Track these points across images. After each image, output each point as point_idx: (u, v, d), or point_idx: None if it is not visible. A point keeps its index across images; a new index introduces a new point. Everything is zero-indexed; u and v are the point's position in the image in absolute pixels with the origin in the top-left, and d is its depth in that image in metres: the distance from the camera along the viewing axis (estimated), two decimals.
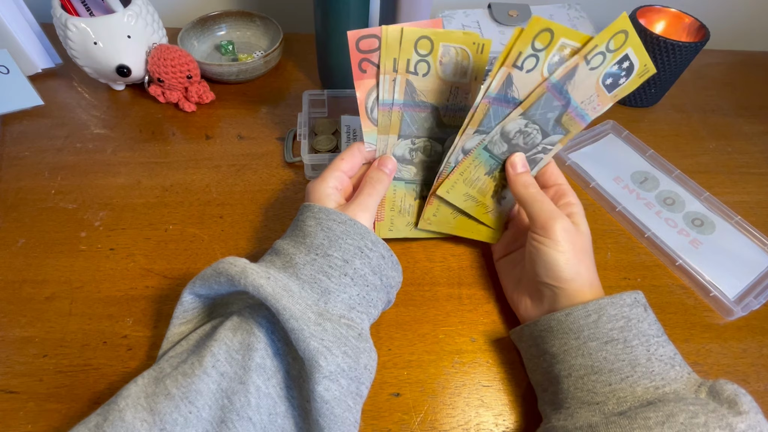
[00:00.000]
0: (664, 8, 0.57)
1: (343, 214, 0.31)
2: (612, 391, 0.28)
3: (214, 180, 0.46)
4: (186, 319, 0.32)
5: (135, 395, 0.25)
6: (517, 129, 0.35)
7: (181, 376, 0.26)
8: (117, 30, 0.48)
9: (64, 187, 0.44)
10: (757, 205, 0.49)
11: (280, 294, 0.26)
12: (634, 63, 0.34)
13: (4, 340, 0.34)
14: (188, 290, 0.31)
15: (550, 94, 0.33)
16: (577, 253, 0.32)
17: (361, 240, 0.31)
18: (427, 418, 0.33)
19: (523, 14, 0.61)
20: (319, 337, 0.26)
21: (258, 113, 0.54)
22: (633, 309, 0.30)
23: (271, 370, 0.27)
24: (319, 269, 0.29)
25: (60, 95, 0.53)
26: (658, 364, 0.28)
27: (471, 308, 0.39)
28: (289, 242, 0.31)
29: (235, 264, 0.28)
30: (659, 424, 0.24)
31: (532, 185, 0.35)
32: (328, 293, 0.29)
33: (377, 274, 0.31)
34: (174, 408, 0.24)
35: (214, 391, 0.26)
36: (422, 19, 0.47)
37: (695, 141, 0.56)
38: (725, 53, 0.70)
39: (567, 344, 0.30)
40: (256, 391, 0.26)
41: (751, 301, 0.39)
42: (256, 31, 0.61)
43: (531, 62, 0.32)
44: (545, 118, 0.35)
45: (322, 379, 0.25)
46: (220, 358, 0.26)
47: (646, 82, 0.56)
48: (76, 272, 0.38)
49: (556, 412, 0.30)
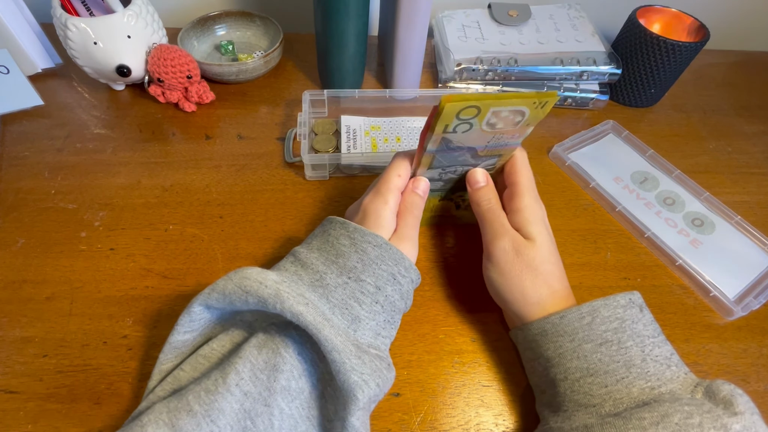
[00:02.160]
0: (664, 8, 0.57)
1: (379, 237, 0.31)
2: (608, 393, 0.28)
3: (214, 180, 0.46)
4: (192, 329, 0.31)
5: (157, 410, 0.25)
6: (437, 175, 0.36)
7: (204, 392, 0.26)
8: (117, 30, 0.48)
9: (64, 187, 0.44)
10: (757, 205, 0.49)
11: (321, 323, 0.26)
12: (514, 110, 0.29)
13: (4, 340, 0.34)
14: (200, 301, 0.29)
15: (440, 157, 0.33)
16: (517, 272, 0.32)
17: (395, 266, 0.30)
18: (427, 418, 0.33)
19: (523, 14, 0.61)
20: (360, 371, 0.26)
21: (258, 113, 0.54)
22: (627, 310, 0.30)
23: (295, 391, 0.27)
24: (350, 294, 0.29)
25: (60, 95, 0.53)
26: (653, 365, 0.28)
27: (471, 308, 0.39)
28: (319, 257, 0.31)
29: (264, 284, 0.27)
30: (654, 425, 0.24)
31: (485, 201, 0.35)
32: (358, 321, 0.29)
33: (404, 298, 0.31)
34: (195, 426, 0.24)
35: (237, 410, 0.25)
36: (422, 19, 0.47)
37: (695, 141, 0.56)
38: (725, 53, 0.70)
39: (562, 347, 0.30)
40: (280, 414, 0.26)
41: (751, 301, 0.39)
42: (256, 31, 0.61)
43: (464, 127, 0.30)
44: (456, 161, 0.34)
45: (357, 411, 0.25)
46: (245, 376, 0.26)
47: (646, 82, 0.56)
48: (76, 272, 0.38)
49: (554, 414, 0.30)
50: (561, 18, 0.61)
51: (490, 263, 0.33)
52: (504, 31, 0.59)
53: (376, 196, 0.33)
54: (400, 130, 0.50)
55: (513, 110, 0.29)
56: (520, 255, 0.32)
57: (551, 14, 0.62)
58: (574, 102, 0.57)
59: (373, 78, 0.60)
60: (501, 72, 0.55)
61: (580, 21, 0.61)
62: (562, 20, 0.61)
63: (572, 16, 0.62)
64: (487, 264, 0.33)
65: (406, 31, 0.48)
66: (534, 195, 0.34)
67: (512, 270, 0.32)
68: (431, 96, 0.54)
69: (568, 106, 0.58)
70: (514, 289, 0.32)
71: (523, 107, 0.29)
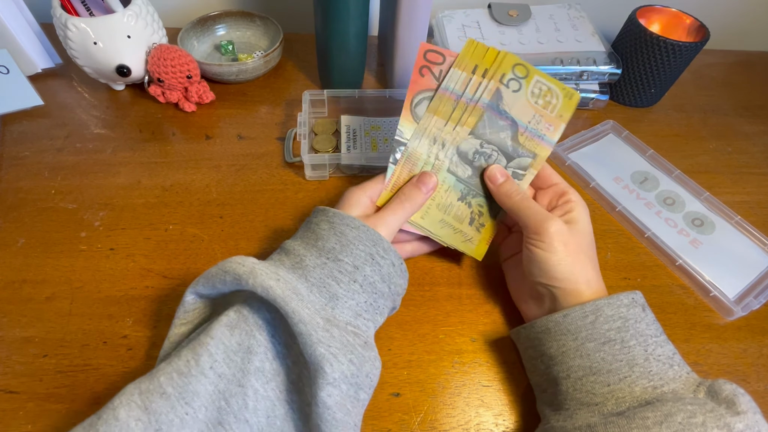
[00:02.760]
0: (664, 8, 0.57)
1: (356, 220, 0.31)
2: (611, 392, 0.28)
3: (214, 180, 0.46)
4: (187, 320, 0.31)
5: (129, 391, 0.25)
6: (474, 149, 0.36)
7: (177, 374, 0.25)
8: (117, 30, 0.48)
9: (64, 187, 0.44)
10: (757, 205, 0.49)
11: (290, 296, 0.26)
12: (552, 88, 0.35)
13: (4, 340, 0.34)
14: (190, 290, 0.30)
15: (489, 113, 0.35)
16: (571, 252, 0.32)
17: (373, 247, 0.31)
18: (427, 418, 0.33)
19: (523, 14, 0.61)
20: (327, 343, 0.26)
21: (258, 113, 0.54)
22: (630, 309, 0.30)
23: (270, 373, 0.27)
24: (328, 273, 0.29)
25: (60, 95, 0.53)
26: (656, 364, 0.28)
27: (471, 308, 0.39)
28: (300, 243, 0.32)
29: (243, 263, 0.28)
30: (657, 424, 0.25)
31: (515, 193, 0.35)
32: (336, 299, 0.29)
33: (386, 282, 0.31)
34: (170, 408, 0.24)
35: (211, 392, 0.25)
36: (422, 20, 0.47)
37: (695, 141, 0.56)
38: (725, 53, 0.70)
39: (565, 345, 0.30)
40: (254, 394, 0.26)
41: (751, 301, 0.39)
42: (256, 31, 0.61)
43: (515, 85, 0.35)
44: (498, 138, 0.36)
45: (326, 386, 0.25)
46: (218, 359, 0.26)
47: (646, 82, 0.56)
48: (76, 272, 0.38)
49: (555, 413, 0.30)
50: (561, 18, 0.61)
51: (543, 243, 0.32)
52: (504, 31, 0.59)
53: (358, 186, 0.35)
54: None
55: (550, 87, 0.34)
56: (572, 236, 0.32)
57: (551, 14, 0.62)
58: None
59: (373, 78, 0.60)
60: None
61: (580, 21, 0.61)
62: (562, 20, 0.61)
63: (572, 16, 0.62)
64: (539, 244, 0.32)
65: (406, 31, 0.48)
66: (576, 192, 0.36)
67: (566, 250, 0.32)
68: None
69: None
70: (567, 268, 0.32)
71: (557, 88, 0.34)
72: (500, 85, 0.34)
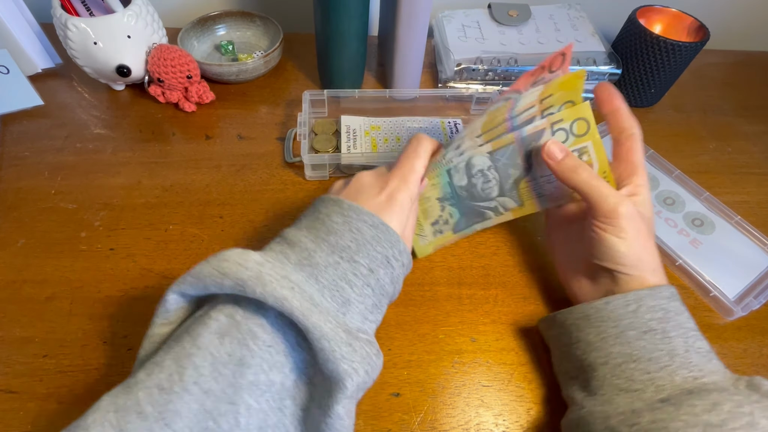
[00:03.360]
0: (664, 8, 0.57)
1: (375, 216, 0.29)
2: (650, 379, 0.28)
3: (214, 180, 0.46)
4: (169, 320, 0.28)
5: (104, 408, 0.22)
6: (481, 167, 0.35)
7: (157, 390, 0.22)
8: (117, 30, 0.48)
9: (64, 187, 0.44)
10: (757, 205, 0.49)
11: (308, 309, 0.24)
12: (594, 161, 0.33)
13: (4, 340, 0.34)
14: (174, 290, 0.27)
15: (517, 146, 0.33)
16: (641, 238, 0.31)
17: (390, 249, 0.29)
18: (427, 418, 0.33)
19: (523, 14, 0.61)
20: (350, 359, 0.24)
21: (258, 113, 0.54)
22: (671, 302, 0.30)
23: (264, 385, 0.25)
24: (342, 276, 0.27)
25: (60, 95, 0.53)
26: (696, 356, 0.28)
27: (471, 308, 0.39)
28: (307, 235, 0.29)
29: (245, 266, 0.25)
30: (706, 412, 0.25)
31: (581, 168, 0.32)
32: (349, 304, 0.27)
33: (394, 283, 0.30)
34: (147, 431, 0.22)
35: (196, 411, 0.22)
36: (422, 20, 0.47)
37: (695, 141, 0.56)
38: (725, 53, 0.70)
39: (605, 332, 0.30)
40: (247, 411, 0.24)
41: (751, 301, 0.39)
42: (256, 31, 0.61)
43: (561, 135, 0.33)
44: (506, 172, 0.35)
45: (343, 399, 0.24)
46: (205, 372, 0.23)
47: (646, 82, 0.56)
48: (76, 272, 0.38)
49: (590, 397, 0.30)
50: (561, 18, 0.61)
51: (613, 228, 0.31)
52: (504, 31, 0.59)
53: (403, 182, 0.31)
54: (400, 130, 0.50)
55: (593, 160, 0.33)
56: (643, 221, 0.31)
57: (551, 14, 0.62)
58: None
59: (373, 78, 0.60)
60: (501, 72, 0.55)
61: (580, 21, 0.61)
62: (562, 20, 0.61)
63: (572, 16, 0.62)
64: (607, 229, 0.31)
65: (406, 31, 0.48)
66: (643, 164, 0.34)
67: (639, 235, 0.31)
68: (431, 96, 0.54)
69: None
70: (638, 254, 0.31)
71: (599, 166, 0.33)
72: (548, 126, 0.32)
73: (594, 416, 0.28)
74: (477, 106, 0.54)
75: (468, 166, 0.35)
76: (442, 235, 0.39)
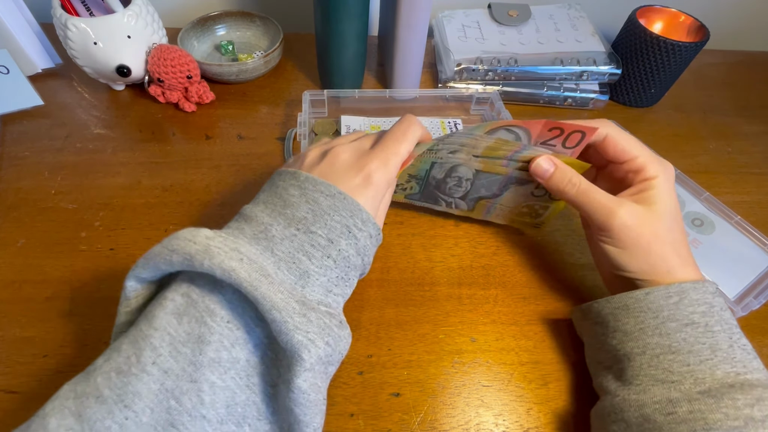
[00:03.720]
0: (664, 8, 0.57)
1: (332, 186, 0.28)
2: (690, 372, 0.27)
3: (214, 180, 0.46)
4: (130, 307, 0.27)
5: (63, 395, 0.22)
6: (461, 176, 0.37)
7: (115, 373, 0.22)
8: (117, 30, 0.48)
9: (64, 187, 0.44)
10: (757, 205, 0.49)
11: (257, 279, 0.23)
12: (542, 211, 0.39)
13: (4, 340, 0.34)
14: (130, 275, 0.26)
15: (501, 179, 0.37)
16: (644, 244, 0.30)
17: (350, 218, 0.27)
18: (427, 418, 0.33)
19: (523, 14, 0.61)
20: (304, 329, 0.23)
21: (258, 113, 0.54)
22: (716, 297, 0.30)
23: (227, 362, 0.24)
24: (299, 247, 0.26)
25: (60, 95, 0.53)
26: (740, 352, 0.28)
27: (471, 308, 0.39)
28: (264, 209, 0.28)
29: (193, 240, 0.24)
30: (748, 406, 0.24)
31: (570, 186, 0.32)
32: (308, 276, 0.26)
33: (361, 255, 0.28)
34: (107, 413, 0.21)
35: (156, 391, 0.22)
36: (422, 20, 0.47)
37: (695, 141, 0.56)
38: (725, 53, 0.70)
39: (644, 323, 0.29)
40: (210, 388, 0.23)
41: (751, 301, 0.39)
42: (256, 31, 0.61)
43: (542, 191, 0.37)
44: (479, 190, 0.39)
45: (303, 372, 0.23)
46: (163, 352, 0.23)
47: (646, 82, 0.56)
48: (76, 272, 0.38)
49: (624, 387, 0.29)
50: (561, 18, 0.61)
51: (610, 239, 0.31)
52: (504, 31, 0.59)
53: (384, 166, 0.30)
54: None
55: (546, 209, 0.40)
56: (644, 226, 0.30)
57: (551, 14, 0.62)
58: (574, 102, 0.57)
59: (373, 78, 0.60)
60: (501, 72, 0.55)
61: (580, 21, 0.61)
62: (562, 20, 0.61)
63: (572, 16, 0.62)
64: (606, 240, 0.31)
65: (406, 31, 0.48)
66: (656, 160, 0.32)
67: (638, 243, 0.30)
68: (431, 96, 0.54)
69: (568, 106, 0.58)
70: (641, 262, 0.31)
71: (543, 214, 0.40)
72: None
73: (628, 404, 0.28)
74: (477, 106, 0.54)
75: (451, 169, 0.37)
76: (395, 194, 0.41)
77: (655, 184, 0.31)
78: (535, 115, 0.57)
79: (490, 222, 0.44)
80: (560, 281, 0.40)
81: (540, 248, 0.43)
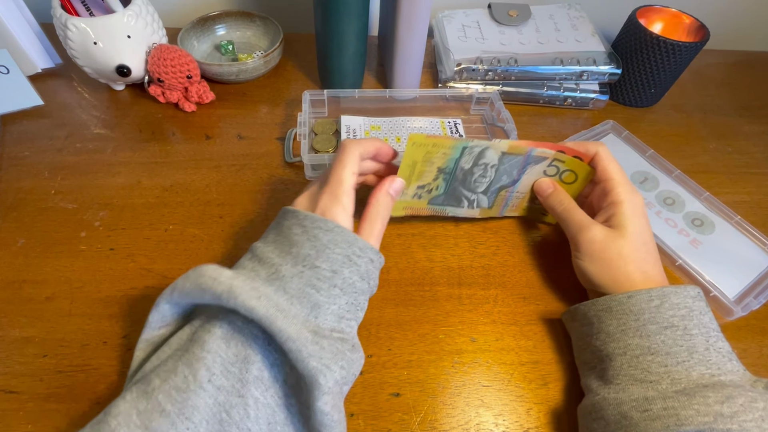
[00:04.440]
0: (664, 8, 0.57)
1: (330, 222, 0.30)
2: (667, 372, 0.29)
3: (214, 180, 0.46)
4: (166, 323, 0.31)
5: (126, 413, 0.25)
6: (487, 162, 0.38)
7: (175, 391, 0.25)
8: (117, 30, 0.48)
9: (64, 187, 0.44)
10: (757, 205, 0.49)
11: (274, 315, 0.26)
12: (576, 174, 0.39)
13: (4, 340, 0.34)
14: (166, 299, 0.29)
15: (521, 159, 0.38)
16: (607, 262, 0.34)
17: (349, 248, 0.30)
18: (427, 418, 0.33)
19: (523, 14, 0.61)
20: (318, 356, 0.26)
21: (258, 113, 0.54)
22: (696, 302, 0.31)
23: (268, 381, 0.27)
24: (307, 282, 0.29)
25: (60, 95, 0.53)
26: (716, 355, 0.29)
27: (471, 308, 0.39)
28: (274, 250, 0.31)
29: (219, 280, 0.27)
30: (718, 403, 0.25)
31: (558, 204, 0.38)
32: (318, 307, 0.28)
33: (365, 279, 0.31)
34: (170, 425, 0.24)
35: (211, 405, 0.25)
36: (422, 20, 0.47)
37: (695, 141, 0.56)
38: (725, 53, 0.70)
39: (625, 324, 0.31)
40: (255, 403, 0.26)
41: (751, 301, 0.39)
42: (256, 31, 0.61)
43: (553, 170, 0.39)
44: (501, 177, 0.39)
45: (322, 396, 0.25)
46: (216, 371, 0.26)
47: (646, 82, 0.56)
48: (76, 272, 0.38)
49: (605, 386, 0.30)
50: (561, 18, 0.61)
51: (580, 253, 0.36)
52: (504, 31, 0.59)
53: (332, 199, 0.31)
54: (400, 130, 0.50)
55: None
56: (609, 245, 0.34)
57: (551, 14, 0.62)
58: (574, 102, 0.57)
59: (373, 78, 0.60)
60: (501, 72, 0.55)
61: (580, 21, 0.61)
62: (562, 20, 0.61)
63: (572, 16, 0.62)
64: (577, 254, 0.36)
65: (406, 31, 0.48)
66: (627, 187, 0.36)
67: (602, 259, 0.34)
68: (431, 96, 0.54)
69: (568, 106, 0.58)
70: (605, 277, 0.34)
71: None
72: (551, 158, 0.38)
73: (608, 402, 0.29)
74: (477, 105, 0.54)
75: (479, 155, 0.37)
76: (419, 200, 0.40)
77: (621, 210, 0.35)
78: (535, 114, 0.57)
79: (490, 222, 0.44)
80: (560, 281, 0.40)
81: (540, 248, 0.43)
